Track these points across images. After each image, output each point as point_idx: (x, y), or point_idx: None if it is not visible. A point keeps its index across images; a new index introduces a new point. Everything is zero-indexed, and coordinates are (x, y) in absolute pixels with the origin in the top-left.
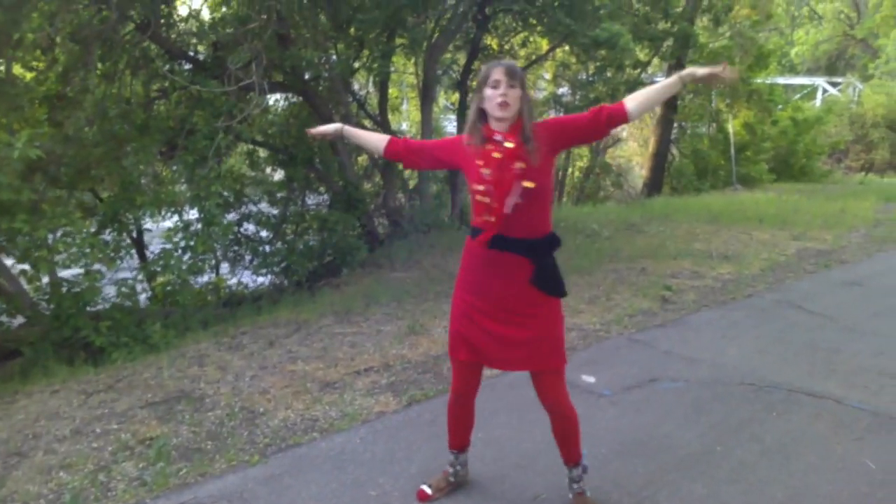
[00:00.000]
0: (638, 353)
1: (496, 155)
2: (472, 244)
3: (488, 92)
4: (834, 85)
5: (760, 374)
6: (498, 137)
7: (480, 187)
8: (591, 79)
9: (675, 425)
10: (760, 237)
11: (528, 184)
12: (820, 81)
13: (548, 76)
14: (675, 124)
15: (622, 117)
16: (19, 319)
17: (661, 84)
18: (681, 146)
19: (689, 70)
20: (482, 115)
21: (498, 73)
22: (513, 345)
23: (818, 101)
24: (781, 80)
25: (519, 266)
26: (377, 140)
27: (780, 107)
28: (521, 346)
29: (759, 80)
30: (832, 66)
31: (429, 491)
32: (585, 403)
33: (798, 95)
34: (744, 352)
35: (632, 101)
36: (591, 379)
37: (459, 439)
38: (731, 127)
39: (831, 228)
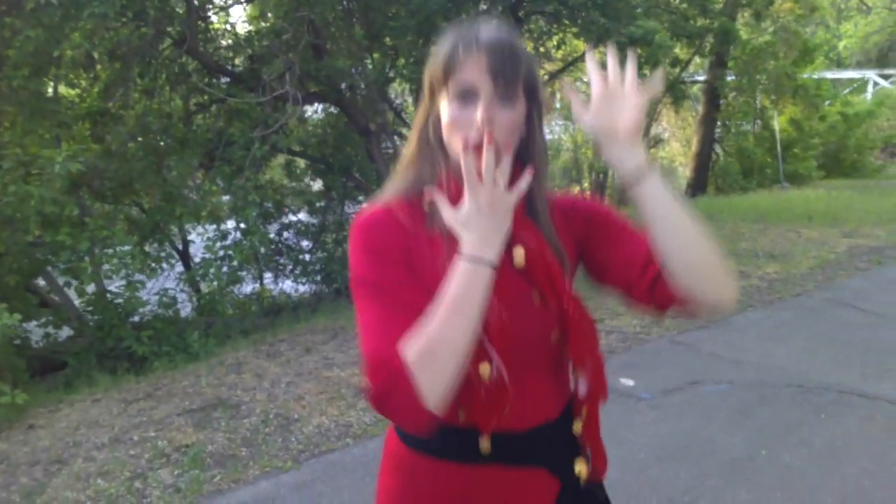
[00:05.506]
0: (680, 356)
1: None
2: (421, 464)
3: (451, 110)
4: (886, 77)
5: (809, 376)
6: None
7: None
8: None
9: (719, 429)
10: (809, 235)
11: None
12: (870, 74)
13: (585, 78)
14: (719, 123)
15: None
16: (66, 332)
17: None
18: (725, 145)
19: None
20: (443, 155)
21: (473, 70)
22: None
23: (869, 95)
24: (829, 75)
25: (526, 490)
26: None
27: (828, 102)
28: None
29: (805, 76)
30: (883, 58)
31: None
32: (624, 407)
33: (847, 90)
34: (792, 353)
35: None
36: (629, 382)
37: None
38: (777, 124)
39: (884, 224)
